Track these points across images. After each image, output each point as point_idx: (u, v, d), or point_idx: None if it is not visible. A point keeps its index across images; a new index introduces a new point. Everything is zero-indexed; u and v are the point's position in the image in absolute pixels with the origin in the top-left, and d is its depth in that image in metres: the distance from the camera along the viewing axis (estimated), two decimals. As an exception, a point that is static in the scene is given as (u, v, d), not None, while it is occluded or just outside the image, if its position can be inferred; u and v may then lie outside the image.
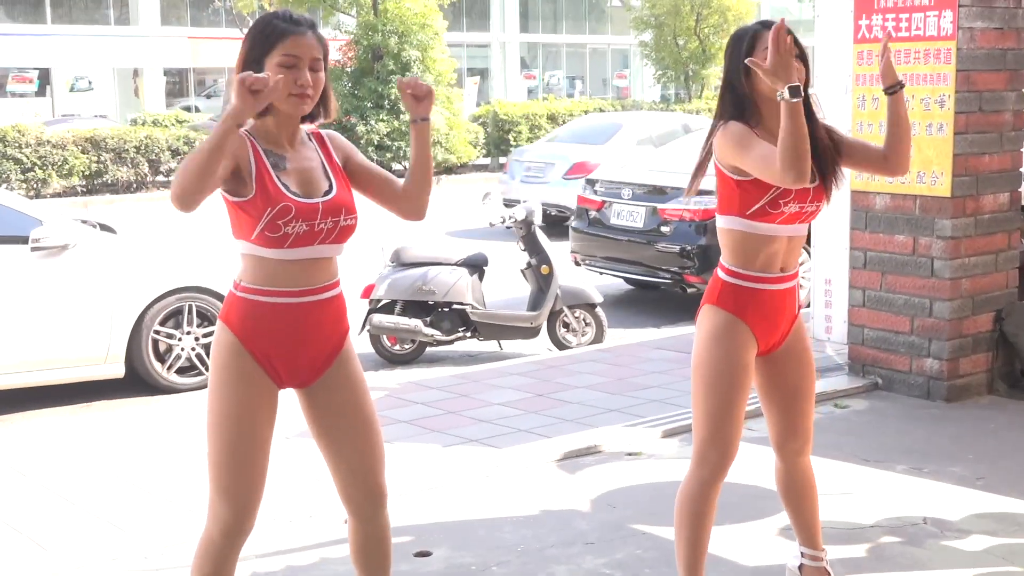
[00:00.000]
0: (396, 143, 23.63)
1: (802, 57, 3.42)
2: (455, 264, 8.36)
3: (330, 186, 3.15)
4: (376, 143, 23.65)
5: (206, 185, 2.84)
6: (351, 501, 3.28)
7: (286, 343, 3.12)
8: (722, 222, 3.55)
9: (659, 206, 9.89)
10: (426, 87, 3.23)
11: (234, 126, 2.82)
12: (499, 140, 26.07)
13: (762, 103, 3.48)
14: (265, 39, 3.06)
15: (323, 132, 3.29)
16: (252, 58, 3.06)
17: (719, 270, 3.60)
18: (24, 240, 7.01)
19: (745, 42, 3.47)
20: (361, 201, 3.30)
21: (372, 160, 3.36)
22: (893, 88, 3.57)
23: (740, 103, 3.49)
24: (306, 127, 3.25)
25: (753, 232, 3.48)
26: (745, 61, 3.35)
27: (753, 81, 3.43)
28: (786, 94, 3.16)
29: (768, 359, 3.65)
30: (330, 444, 3.25)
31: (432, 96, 3.25)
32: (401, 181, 3.35)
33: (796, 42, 3.36)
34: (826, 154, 3.56)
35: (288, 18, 3.09)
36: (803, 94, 3.21)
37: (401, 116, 23.69)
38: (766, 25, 3.45)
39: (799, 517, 3.83)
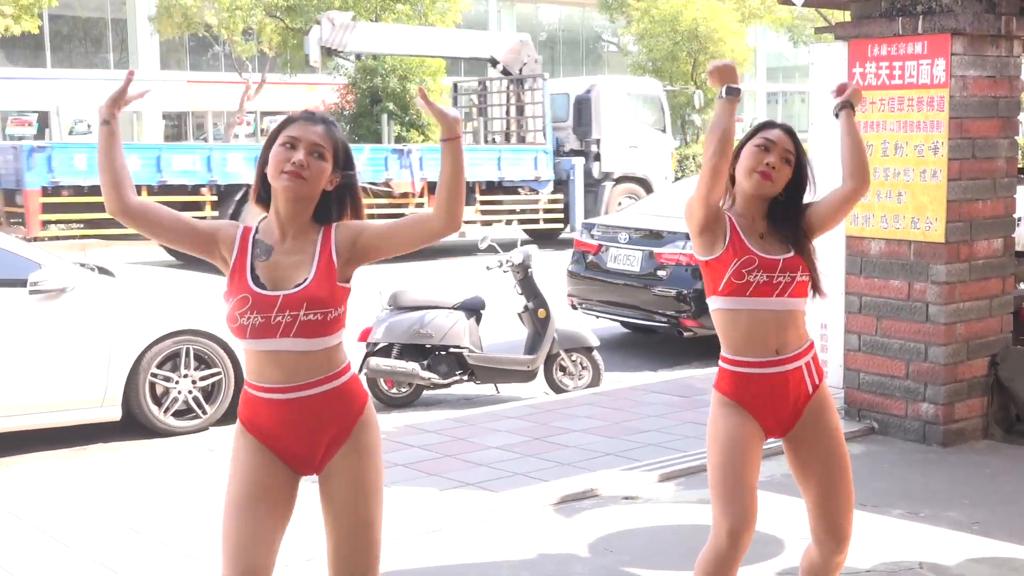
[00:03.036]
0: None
1: (797, 160, 3.56)
2: (452, 308, 8.39)
3: (305, 279, 3.06)
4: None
5: (115, 183, 3.16)
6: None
7: (281, 437, 3.11)
8: (710, 306, 3.60)
9: (656, 250, 9.94)
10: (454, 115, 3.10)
11: (101, 122, 3.11)
12: (496, 184, 26.10)
13: (738, 193, 3.57)
14: (279, 127, 3.15)
15: (335, 223, 3.17)
16: (267, 144, 3.14)
17: (720, 358, 3.61)
18: (23, 283, 7.02)
19: (754, 130, 3.61)
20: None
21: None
22: (843, 107, 3.64)
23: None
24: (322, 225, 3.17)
25: (732, 309, 3.49)
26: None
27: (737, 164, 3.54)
28: (723, 92, 3.38)
29: (790, 441, 3.60)
30: (327, 535, 3.19)
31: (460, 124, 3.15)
32: (422, 211, 3.37)
33: (796, 144, 3.56)
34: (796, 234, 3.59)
35: (303, 114, 3.18)
36: (738, 97, 3.40)
37: None
38: (778, 125, 3.63)
39: None
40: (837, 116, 3.66)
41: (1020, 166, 7.30)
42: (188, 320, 7.60)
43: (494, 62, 22.46)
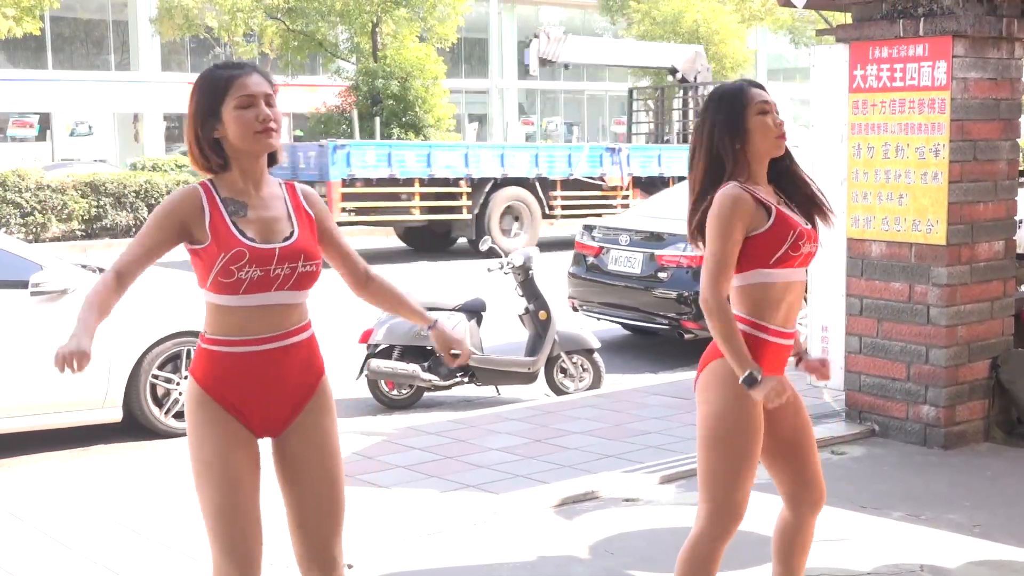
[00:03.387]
0: None
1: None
2: (453, 309, 8.38)
3: (292, 232, 3.14)
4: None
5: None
6: (302, 568, 3.23)
7: (252, 392, 3.10)
8: (736, 281, 3.49)
9: (656, 252, 9.94)
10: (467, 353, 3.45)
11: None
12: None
13: (754, 161, 3.51)
14: (214, 90, 3.09)
15: (298, 186, 3.28)
16: (207, 111, 3.09)
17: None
18: (24, 285, 7.02)
19: (737, 100, 3.50)
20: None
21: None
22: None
23: (723, 163, 3.48)
24: (276, 179, 3.26)
25: (774, 281, 3.47)
26: None
27: (747, 138, 3.47)
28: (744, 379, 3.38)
29: (767, 413, 3.60)
30: (290, 499, 3.20)
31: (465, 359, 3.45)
32: (362, 263, 3.39)
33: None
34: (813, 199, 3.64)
35: (229, 65, 3.13)
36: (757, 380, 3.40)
37: None
38: (752, 83, 3.52)
39: (787, 571, 3.78)
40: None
41: (1021, 168, 7.30)
42: (189, 321, 7.59)
43: (673, 71, 25.34)
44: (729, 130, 3.47)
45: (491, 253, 8.99)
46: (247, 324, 3.08)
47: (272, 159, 3.21)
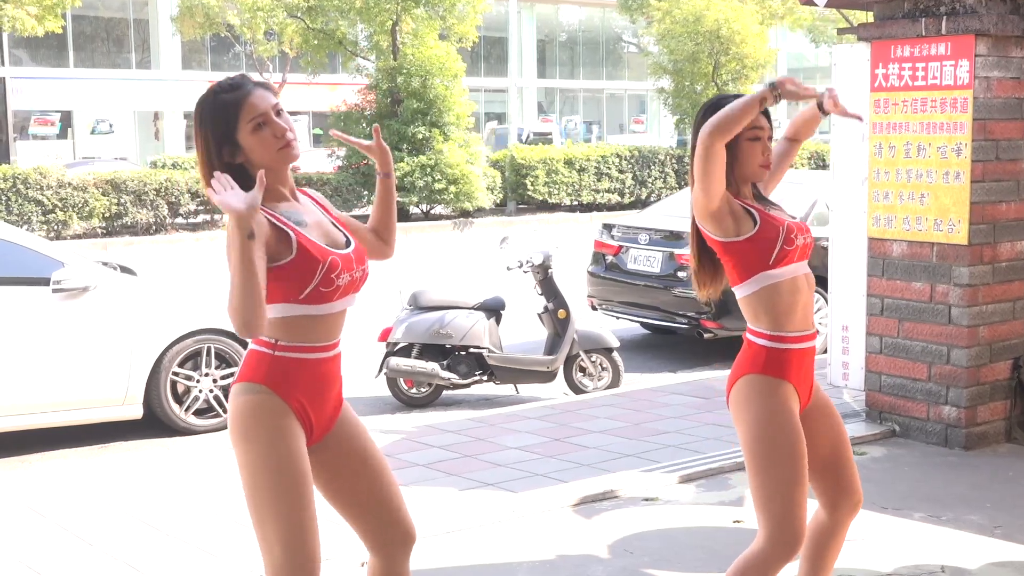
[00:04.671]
0: (418, 183, 23.66)
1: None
2: (472, 308, 8.39)
3: (346, 237, 3.21)
4: (398, 184, 23.74)
5: (261, 301, 2.81)
6: (384, 545, 3.26)
7: (322, 396, 3.14)
8: (744, 290, 3.50)
9: (676, 251, 9.92)
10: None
11: (245, 237, 2.78)
12: (516, 184, 26.16)
13: (740, 181, 3.52)
14: (223, 117, 3.02)
15: (311, 191, 3.30)
16: (220, 138, 3.03)
17: (754, 337, 3.52)
18: (46, 282, 7.07)
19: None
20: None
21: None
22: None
23: None
24: None
25: (781, 280, 3.46)
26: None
27: (736, 160, 3.47)
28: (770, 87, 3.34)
29: (801, 418, 3.56)
30: (353, 494, 3.24)
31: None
32: (366, 229, 3.45)
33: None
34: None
35: (228, 87, 3.06)
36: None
37: (424, 154, 23.86)
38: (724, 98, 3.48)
39: (816, 571, 3.75)
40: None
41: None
42: (209, 319, 7.63)
43: None
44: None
45: (510, 251, 8.98)
46: (330, 330, 3.12)
47: None
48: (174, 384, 7.52)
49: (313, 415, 3.12)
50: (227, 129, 3.02)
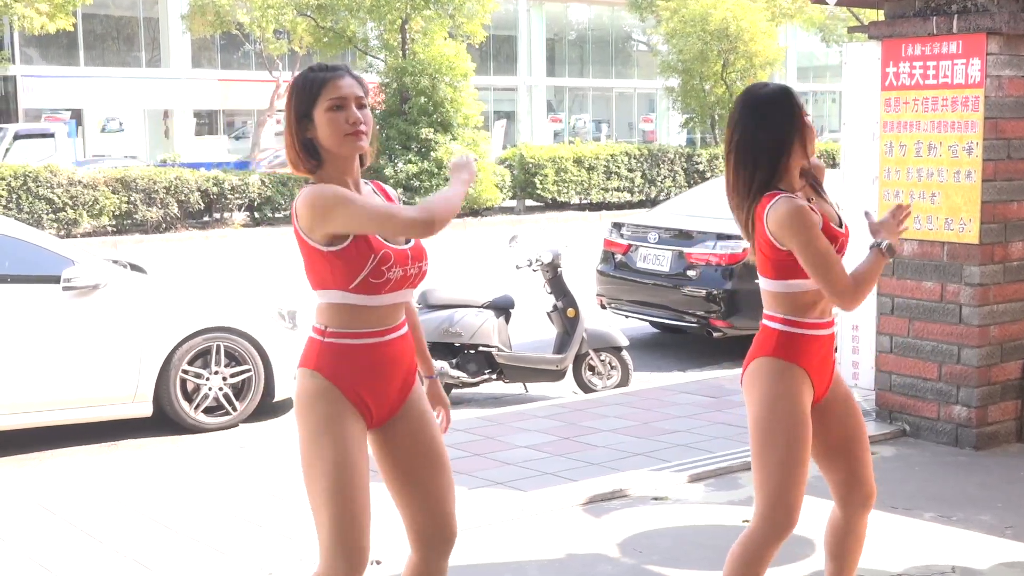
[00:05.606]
0: (424, 184, 23.70)
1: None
2: (481, 307, 8.39)
3: None
4: (404, 184, 23.78)
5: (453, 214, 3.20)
6: (424, 541, 3.31)
7: (378, 381, 3.18)
8: (773, 286, 3.53)
9: (685, 250, 9.91)
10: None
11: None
12: (525, 183, 26.18)
13: (794, 168, 3.55)
14: (308, 92, 3.15)
15: (384, 185, 3.38)
16: (301, 113, 3.15)
17: (769, 322, 3.55)
18: (56, 280, 7.08)
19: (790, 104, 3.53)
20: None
21: (402, 201, 3.50)
22: (877, 246, 3.60)
23: (774, 169, 3.51)
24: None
25: (811, 288, 3.49)
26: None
27: (792, 148, 3.50)
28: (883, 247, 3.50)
29: (817, 409, 3.60)
30: (408, 481, 3.27)
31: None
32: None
33: None
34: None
35: (323, 68, 3.20)
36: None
37: (430, 156, 23.87)
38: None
39: (840, 568, 3.76)
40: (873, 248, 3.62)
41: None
42: (219, 317, 7.64)
43: None
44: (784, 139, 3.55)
45: (519, 249, 8.98)
46: (381, 319, 3.17)
47: (361, 160, 3.25)
48: (184, 382, 7.53)
49: (370, 399, 3.16)
50: (308, 103, 3.15)
